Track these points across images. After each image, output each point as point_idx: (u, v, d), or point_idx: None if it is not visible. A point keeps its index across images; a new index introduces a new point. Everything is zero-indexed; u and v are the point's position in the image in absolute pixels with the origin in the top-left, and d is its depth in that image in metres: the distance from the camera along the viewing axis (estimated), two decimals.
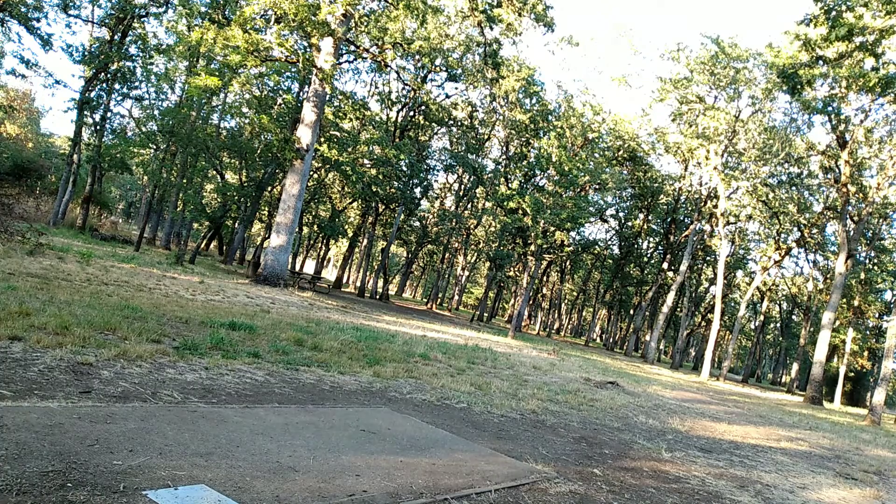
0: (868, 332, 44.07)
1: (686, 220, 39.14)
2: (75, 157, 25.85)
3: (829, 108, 23.55)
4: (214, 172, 30.92)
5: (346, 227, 38.66)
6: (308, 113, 18.57)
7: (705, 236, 37.80)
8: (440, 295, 47.43)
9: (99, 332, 5.11)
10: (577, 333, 64.11)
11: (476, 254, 44.97)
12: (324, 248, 44.46)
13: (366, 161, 28.76)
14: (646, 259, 46.59)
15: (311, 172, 27.12)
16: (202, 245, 30.45)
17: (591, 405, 7.33)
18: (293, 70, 24.11)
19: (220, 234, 32.57)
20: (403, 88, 31.71)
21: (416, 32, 25.55)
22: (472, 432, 4.32)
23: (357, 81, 49.28)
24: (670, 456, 5.04)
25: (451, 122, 34.29)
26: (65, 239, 17.69)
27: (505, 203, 29.12)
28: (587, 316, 66.52)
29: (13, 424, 2.49)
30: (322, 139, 25.32)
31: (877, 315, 42.54)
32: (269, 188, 27.20)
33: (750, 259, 44.33)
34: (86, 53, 25.27)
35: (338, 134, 27.63)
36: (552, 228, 27.80)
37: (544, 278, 49.73)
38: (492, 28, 20.44)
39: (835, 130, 24.95)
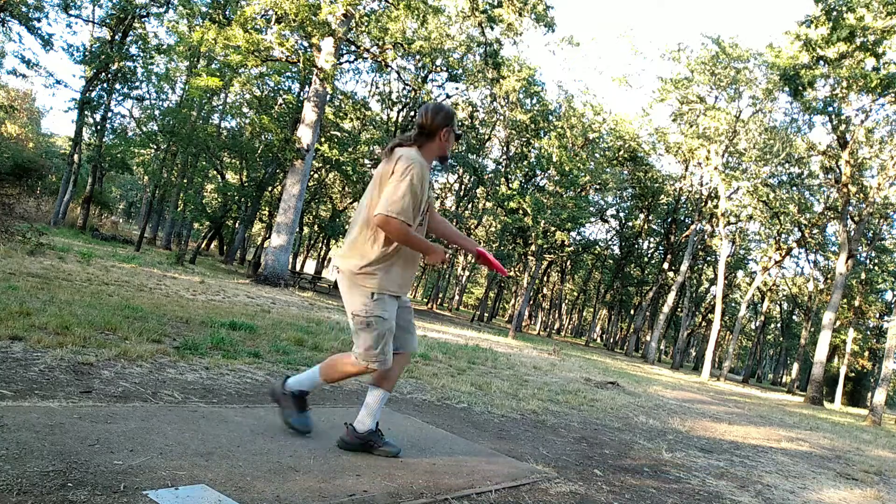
0: (869, 333, 44.06)
1: (686, 221, 39.13)
2: (76, 157, 25.86)
3: (830, 109, 23.53)
4: (215, 172, 30.93)
5: (347, 227, 38.63)
6: (309, 113, 18.57)
7: (706, 236, 37.78)
8: (441, 295, 47.43)
9: (99, 331, 5.12)
10: (577, 333, 64.11)
11: None
12: (324, 248, 44.45)
13: (366, 161, 28.76)
14: (646, 259, 46.58)
15: (312, 172, 27.11)
16: (203, 245, 30.45)
17: (591, 405, 7.33)
18: (294, 70, 24.11)
19: (221, 235, 32.57)
20: (404, 88, 31.71)
21: (417, 32, 25.55)
22: (472, 432, 4.32)
23: (357, 81, 49.42)
24: (671, 456, 5.04)
25: None
26: (65, 239, 17.70)
27: (505, 203, 29.11)
28: (587, 316, 66.51)
29: (14, 424, 2.49)
30: (323, 139, 25.32)
31: (877, 315, 42.55)
32: (270, 188, 27.20)
33: (750, 259, 44.33)
34: (86, 53, 25.28)
35: (338, 134, 27.64)
36: (553, 228, 27.79)
37: (545, 278, 49.73)
38: (492, 28, 20.46)
39: (835, 131, 24.92)
